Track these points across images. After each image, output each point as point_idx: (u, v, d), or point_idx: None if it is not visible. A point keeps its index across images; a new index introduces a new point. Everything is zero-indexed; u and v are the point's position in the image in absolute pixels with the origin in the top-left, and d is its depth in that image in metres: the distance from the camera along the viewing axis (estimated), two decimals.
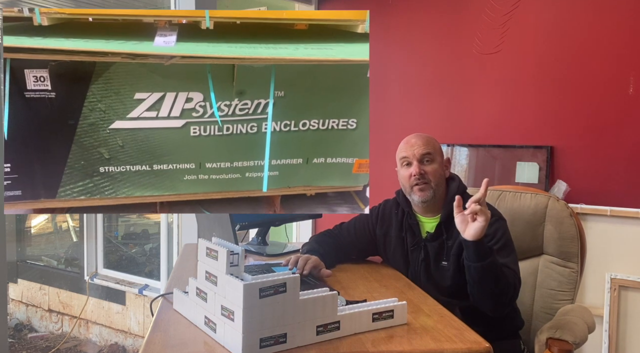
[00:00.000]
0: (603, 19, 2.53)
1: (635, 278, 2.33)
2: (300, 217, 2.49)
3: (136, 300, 3.86)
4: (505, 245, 1.52)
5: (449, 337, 1.13)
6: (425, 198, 1.60)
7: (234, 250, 1.08)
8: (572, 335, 1.49)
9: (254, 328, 1.01)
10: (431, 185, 1.59)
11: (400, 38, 3.20)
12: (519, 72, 2.77)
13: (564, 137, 2.64)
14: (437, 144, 1.65)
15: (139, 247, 4.40)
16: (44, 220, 5.06)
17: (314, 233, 3.44)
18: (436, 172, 1.60)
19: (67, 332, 4.22)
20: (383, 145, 3.12)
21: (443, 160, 1.64)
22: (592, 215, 2.44)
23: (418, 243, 1.64)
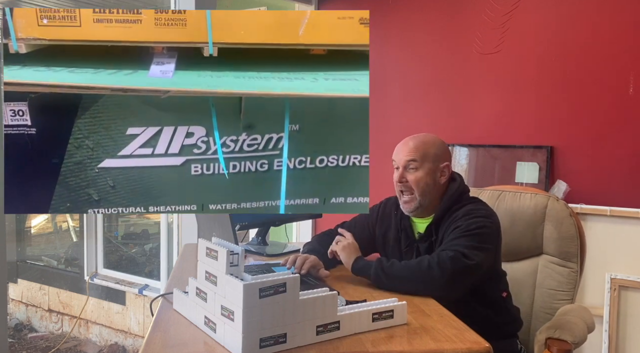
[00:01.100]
0: (603, 19, 2.53)
1: (635, 278, 2.33)
2: (300, 217, 2.50)
3: (136, 300, 3.87)
4: (470, 235, 1.47)
5: (449, 337, 1.13)
6: (409, 209, 1.60)
7: (234, 250, 1.08)
8: (571, 335, 1.49)
9: (254, 328, 1.01)
10: (415, 195, 1.57)
11: (400, 38, 3.20)
12: (519, 72, 2.77)
13: (564, 137, 2.64)
14: (433, 147, 1.58)
15: (139, 247, 4.40)
16: (44, 220, 5.06)
17: (314, 233, 3.44)
18: (420, 181, 1.55)
19: (67, 332, 4.22)
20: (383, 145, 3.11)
21: (437, 166, 1.58)
22: (592, 215, 2.44)
23: (411, 244, 1.64)
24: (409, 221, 1.65)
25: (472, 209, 1.55)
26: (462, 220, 1.51)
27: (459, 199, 1.59)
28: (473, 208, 1.55)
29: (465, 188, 1.64)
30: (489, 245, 1.50)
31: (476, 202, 1.60)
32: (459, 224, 1.51)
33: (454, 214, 1.55)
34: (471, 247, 1.44)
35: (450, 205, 1.57)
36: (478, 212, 1.54)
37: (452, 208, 1.56)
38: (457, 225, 1.51)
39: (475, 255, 1.43)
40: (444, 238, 1.53)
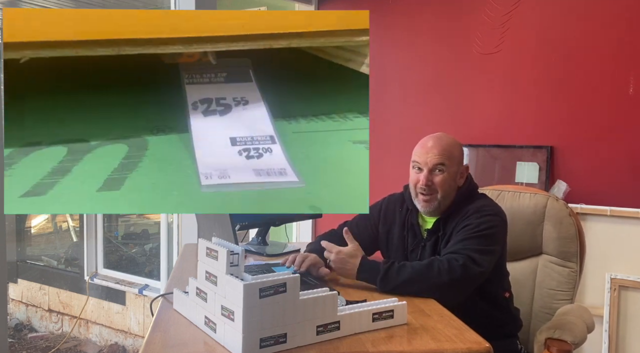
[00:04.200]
0: (603, 19, 2.53)
1: (635, 278, 2.33)
2: (300, 217, 2.50)
3: (136, 300, 3.87)
4: (480, 236, 1.47)
5: (449, 337, 1.13)
6: (429, 208, 1.59)
7: (234, 250, 1.08)
8: (571, 335, 1.49)
9: (254, 328, 1.01)
10: (437, 196, 1.56)
11: (400, 38, 3.20)
12: (519, 72, 2.77)
13: (564, 137, 2.64)
14: (456, 150, 1.58)
15: (139, 247, 4.40)
16: (44, 220, 5.06)
17: (314, 233, 3.44)
18: (445, 183, 1.55)
19: (67, 332, 4.22)
20: (383, 145, 3.12)
21: (459, 168, 1.58)
22: (592, 215, 2.44)
23: (418, 243, 1.64)
24: (417, 218, 1.65)
25: (483, 205, 1.55)
26: (472, 218, 1.51)
27: (469, 195, 1.60)
28: (484, 204, 1.57)
29: (475, 185, 1.65)
30: (497, 246, 1.52)
31: (485, 198, 1.62)
32: (469, 222, 1.51)
33: (464, 209, 1.55)
34: (481, 251, 1.45)
35: (461, 201, 1.58)
36: (488, 209, 1.55)
37: (462, 204, 1.57)
38: (467, 223, 1.51)
39: (484, 260, 1.45)
40: (453, 234, 1.53)
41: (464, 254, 1.43)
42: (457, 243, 1.48)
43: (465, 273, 1.41)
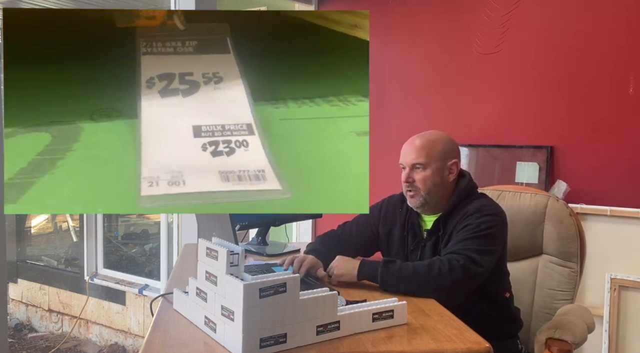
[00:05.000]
0: (603, 19, 2.53)
1: (635, 278, 2.33)
2: (300, 217, 2.50)
3: (136, 300, 3.87)
4: (480, 236, 1.48)
5: (449, 337, 1.13)
6: (415, 204, 1.60)
7: (234, 250, 1.08)
8: (571, 335, 1.49)
9: (254, 328, 1.01)
10: (420, 193, 1.58)
11: (400, 38, 3.20)
12: (519, 72, 2.77)
13: (564, 137, 2.64)
14: (438, 146, 1.58)
15: (139, 247, 4.40)
16: (44, 220, 5.06)
17: (314, 233, 3.44)
18: (426, 180, 1.56)
19: (67, 332, 4.22)
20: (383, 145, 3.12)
21: (444, 164, 1.58)
22: (592, 215, 2.44)
23: (418, 243, 1.64)
24: (417, 218, 1.66)
25: (482, 205, 1.55)
26: (473, 218, 1.51)
27: (468, 195, 1.60)
28: (483, 204, 1.57)
29: (475, 185, 1.65)
30: (497, 246, 1.52)
31: (485, 198, 1.62)
32: (469, 222, 1.51)
33: (464, 209, 1.55)
34: (481, 251, 1.46)
35: (460, 201, 1.58)
36: (488, 209, 1.55)
37: (462, 204, 1.57)
38: (467, 222, 1.51)
39: (484, 260, 1.45)
40: (453, 234, 1.53)
41: (464, 254, 1.44)
42: (457, 243, 1.49)
43: (465, 273, 1.41)
